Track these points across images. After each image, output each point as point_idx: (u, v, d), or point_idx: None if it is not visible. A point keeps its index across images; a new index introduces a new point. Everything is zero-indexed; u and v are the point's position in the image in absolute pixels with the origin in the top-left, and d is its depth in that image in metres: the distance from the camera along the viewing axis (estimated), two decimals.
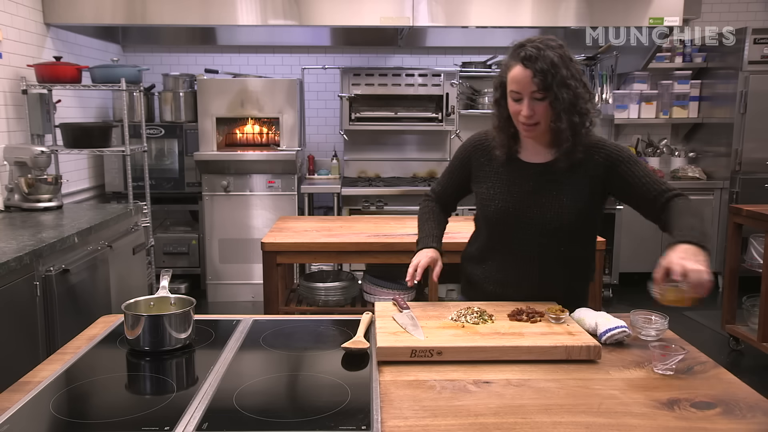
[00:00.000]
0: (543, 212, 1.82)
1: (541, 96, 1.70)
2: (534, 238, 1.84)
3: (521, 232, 1.85)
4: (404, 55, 5.45)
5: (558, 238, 1.83)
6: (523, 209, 1.83)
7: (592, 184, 1.82)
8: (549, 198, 1.82)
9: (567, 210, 1.81)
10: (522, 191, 1.84)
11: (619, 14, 4.35)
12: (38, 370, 1.47)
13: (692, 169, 5.33)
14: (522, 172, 1.85)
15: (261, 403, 1.31)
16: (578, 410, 1.28)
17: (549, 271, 1.87)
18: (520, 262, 1.88)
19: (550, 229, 1.82)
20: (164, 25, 4.48)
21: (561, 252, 1.85)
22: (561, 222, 1.81)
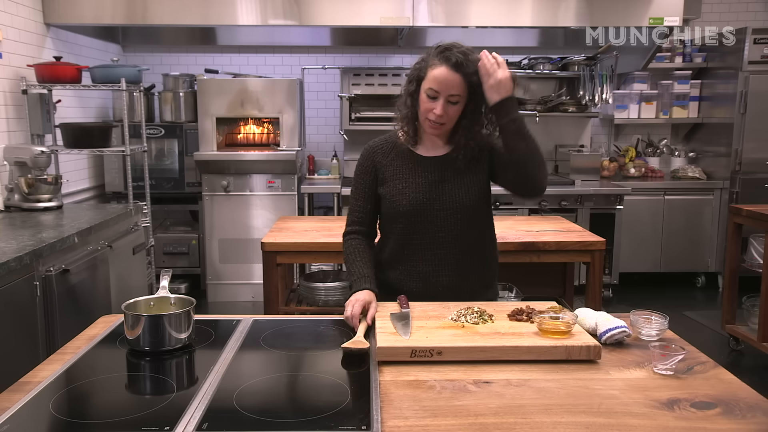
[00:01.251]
0: (452, 197, 1.91)
1: (457, 100, 1.81)
2: (449, 223, 1.92)
3: (436, 219, 1.92)
4: (404, 55, 5.45)
5: (468, 219, 1.94)
6: (434, 197, 1.92)
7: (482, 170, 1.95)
8: (455, 184, 1.92)
9: (472, 193, 1.93)
10: (429, 182, 1.92)
11: (619, 14, 4.35)
12: (38, 370, 1.47)
13: (692, 169, 5.33)
14: (424, 164, 1.94)
15: (261, 403, 1.31)
16: (578, 410, 1.28)
17: (466, 253, 1.95)
18: (439, 250, 1.94)
19: (461, 211, 1.92)
20: (164, 25, 4.48)
21: (472, 233, 1.96)
22: (469, 204, 1.92)
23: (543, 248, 2.90)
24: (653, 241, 5.21)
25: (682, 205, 5.20)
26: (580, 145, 5.47)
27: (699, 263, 5.29)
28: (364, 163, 2.01)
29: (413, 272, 1.96)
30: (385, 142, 2.01)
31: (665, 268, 5.26)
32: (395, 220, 1.96)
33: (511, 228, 3.18)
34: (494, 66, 1.80)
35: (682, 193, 5.21)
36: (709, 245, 5.24)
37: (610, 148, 5.71)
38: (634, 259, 5.17)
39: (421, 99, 1.85)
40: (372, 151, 2.01)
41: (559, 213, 4.55)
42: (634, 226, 5.11)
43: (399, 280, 1.98)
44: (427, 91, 1.83)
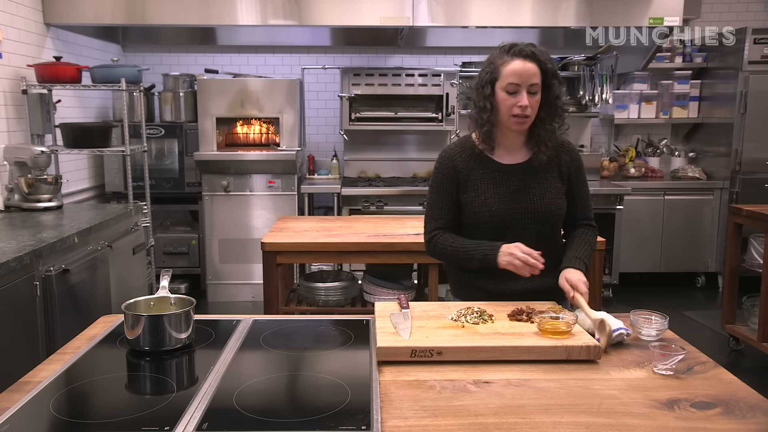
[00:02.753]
0: (533, 206, 1.93)
1: (536, 90, 1.85)
2: (531, 230, 1.94)
3: (518, 227, 1.94)
4: (404, 55, 5.45)
5: (550, 225, 1.97)
6: (515, 207, 1.93)
7: (562, 178, 1.98)
8: (535, 192, 1.94)
9: (552, 201, 1.95)
10: (510, 191, 1.94)
11: (619, 14, 4.35)
12: (38, 370, 1.47)
13: (692, 169, 5.33)
14: (506, 173, 1.95)
15: (261, 403, 1.31)
16: (578, 410, 1.28)
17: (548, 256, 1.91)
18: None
19: (541, 220, 1.94)
20: (164, 25, 4.48)
21: (554, 237, 2.01)
22: (550, 212, 1.95)
23: None
24: (653, 241, 5.21)
25: (682, 205, 5.20)
26: (580, 145, 5.46)
27: (699, 263, 5.29)
28: (444, 170, 2.00)
29: (492, 272, 1.94)
30: (462, 148, 2.00)
31: (665, 268, 5.26)
32: (478, 228, 1.96)
33: None
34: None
35: (682, 193, 5.21)
36: (709, 245, 5.24)
37: (610, 148, 5.71)
38: (634, 259, 5.17)
39: (500, 99, 1.86)
40: (450, 159, 1.99)
41: None
42: (634, 226, 5.11)
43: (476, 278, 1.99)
44: (506, 88, 1.85)
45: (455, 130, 5.05)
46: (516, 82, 1.83)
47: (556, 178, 1.96)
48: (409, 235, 3.00)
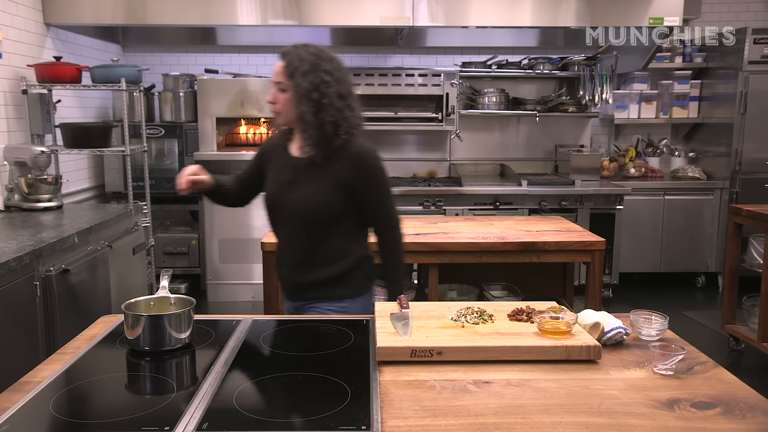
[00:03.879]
0: (295, 202, 2.00)
1: (283, 87, 1.93)
2: (290, 225, 2.04)
3: (281, 219, 2.06)
4: (404, 55, 5.45)
5: (315, 225, 2.00)
6: (282, 199, 2.04)
7: (337, 183, 1.97)
8: (300, 189, 1.99)
9: (314, 200, 1.97)
10: (282, 182, 2.04)
11: (619, 14, 4.35)
12: (38, 370, 1.47)
13: (692, 169, 5.33)
14: (287, 164, 2.05)
15: (261, 403, 1.31)
16: (578, 410, 1.28)
17: (302, 256, 2.03)
18: (284, 246, 2.09)
19: (305, 217, 2.00)
20: (164, 25, 4.48)
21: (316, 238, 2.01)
22: (311, 210, 1.98)
23: (543, 248, 2.90)
24: (653, 241, 5.21)
25: (682, 205, 5.20)
26: (580, 145, 5.47)
27: (699, 263, 5.29)
28: (260, 152, 2.20)
29: (280, 260, 2.13)
30: (280, 137, 2.14)
31: (665, 268, 5.26)
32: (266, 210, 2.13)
33: (511, 228, 3.18)
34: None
35: (682, 193, 5.21)
36: (709, 245, 5.24)
37: (610, 148, 5.71)
38: (634, 259, 5.17)
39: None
40: (266, 144, 2.20)
41: (559, 213, 4.55)
42: (634, 226, 5.11)
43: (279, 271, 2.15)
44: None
45: (455, 130, 5.05)
46: (272, 80, 1.97)
47: (329, 181, 1.96)
48: (409, 235, 2.99)
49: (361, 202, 2.01)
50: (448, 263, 2.93)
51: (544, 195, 4.77)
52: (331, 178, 1.96)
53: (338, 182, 1.96)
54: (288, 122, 2.00)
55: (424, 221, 3.40)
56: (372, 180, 2.01)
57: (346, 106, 1.96)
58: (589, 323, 1.65)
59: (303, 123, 1.93)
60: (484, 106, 5.22)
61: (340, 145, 1.95)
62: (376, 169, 2.02)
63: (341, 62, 1.99)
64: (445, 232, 3.09)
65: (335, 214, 1.99)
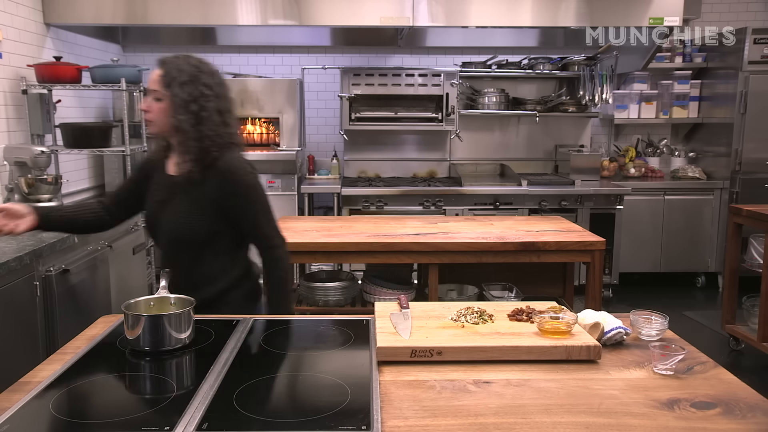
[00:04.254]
0: (166, 223, 1.95)
1: (159, 96, 1.88)
2: (171, 246, 1.98)
3: (159, 240, 2.01)
4: (404, 55, 5.45)
5: (179, 248, 1.95)
6: (157, 219, 1.98)
7: (208, 204, 1.91)
8: (170, 210, 1.94)
9: (184, 222, 1.92)
10: (156, 201, 1.98)
11: (619, 14, 4.35)
12: (38, 370, 1.47)
13: (692, 169, 5.33)
14: (163, 182, 1.99)
15: (261, 403, 1.31)
16: (578, 410, 1.28)
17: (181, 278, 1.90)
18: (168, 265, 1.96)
19: (176, 237, 1.94)
20: (164, 25, 4.48)
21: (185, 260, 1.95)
22: (181, 232, 1.93)
23: (543, 248, 2.90)
24: (653, 241, 5.21)
25: (682, 205, 5.20)
26: (580, 145, 5.47)
27: (699, 263, 5.29)
28: (142, 166, 2.11)
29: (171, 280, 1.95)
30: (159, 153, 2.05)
31: (665, 268, 5.26)
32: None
33: (511, 228, 3.18)
34: None
35: (682, 193, 5.21)
36: (709, 245, 5.24)
37: (610, 148, 5.71)
38: (634, 259, 5.17)
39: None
40: (146, 161, 2.11)
41: (559, 213, 4.55)
42: (634, 226, 5.11)
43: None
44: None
45: (455, 130, 5.05)
46: (148, 86, 1.93)
47: (200, 200, 1.90)
48: (409, 235, 3.00)
49: (236, 221, 1.94)
50: (448, 263, 2.93)
51: (544, 195, 4.77)
52: (202, 196, 1.90)
53: (210, 201, 1.90)
54: (161, 132, 1.94)
55: (424, 221, 3.40)
56: (244, 198, 1.93)
57: (223, 122, 1.91)
58: (589, 323, 1.65)
59: (180, 134, 1.87)
60: (484, 106, 5.22)
61: (211, 162, 1.88)
62: (247, 185, 1.93)
63: (223, 78, 1.98)
64: (445, 232, 3.09)
65: (207, 234, 1.91)
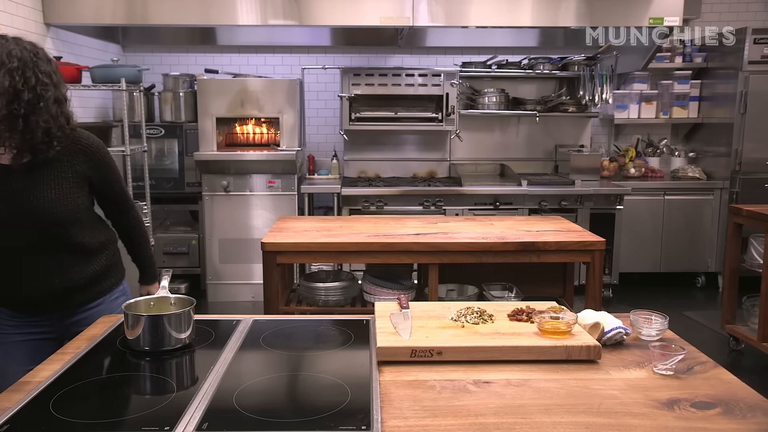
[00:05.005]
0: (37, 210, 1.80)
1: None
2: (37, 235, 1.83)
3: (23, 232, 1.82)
4: (404, 55, 5.45)
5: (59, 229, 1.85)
6: (17, 210, 1.79)
7: (79, 180, 1.87)
8: (38, 195, 1.80)
9: (58, 203, 1.82)
10: (10, 192, 1.79)
11: (619, 14, 4.35)
12: (38, 370, 1.47)
13: (692, 169, 5.33)
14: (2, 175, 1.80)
15: (261, 403, 1.31)
16: (578, 410, 1.28)
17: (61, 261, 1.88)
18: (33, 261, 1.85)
19: (50, 222, 1.82)
20: (164, 25, 4.48)
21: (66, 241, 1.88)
22: (56, 215, 1.82)
23: (543, 248, 2.90)
24: (653, 241, 5.21)
25: (682, 205, 5.20)
26: (580, 145, 5.47)
27: (699, 263, 5.29)
28: None
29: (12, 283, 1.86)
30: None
31: (665, 268, 5.26)
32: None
33: (511, 228, 3.18)
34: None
35: (682, 193, 5.21)
36: (709, 245, 5.24)
37: (610, 148, 5.71)
38: (634, 259, 5.17)
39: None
40: None
41: (559, 213, 4.55)
42: (634, 226, 5.11)
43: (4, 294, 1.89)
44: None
45: (455, 130, 5.05)
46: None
47: (71, 179, 1.85)
48: (409, 235, 3.00)
49: (101, 191, 1.98)
50: (448, 263, 2.93)
51: (544, 195, 4.77)
52: (72, 175, 1.85)
53: (81, 178, 1.87)
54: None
55: (424, 221, 3.40)
56: (109, 167, 1.96)
57: (62, 113, 1.78)
58: (589, 323, 1.65)
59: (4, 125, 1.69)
60: (484, 106, 5.22)
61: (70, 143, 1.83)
62: (108, 156, 1.98)
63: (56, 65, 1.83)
64: (445, 232, 3.09)
65: (81, 210, 1.90)
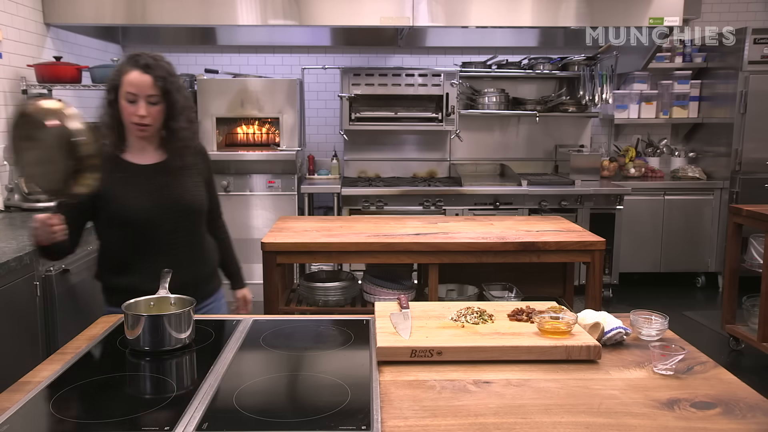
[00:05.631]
0: (177, 202, 2.01)
1: (156, 100, 1.91)
2: (175, 227, 2.01)
3: (166, 224, 1.99)
4: (404, 55, 5.45)
5: (194, 223, 2.07)
6: (162, 203, 1.99)
7: (200, 175, 2.10)
8: (176, 189, 2.01)
9: (195, 196, 2.06)
10: (156, 187, 1.99)
11: (619, 14, 4.35)
12: (38, 370, 1.47)
13: (692, 169, 5.33)
14: (145, 172, 1.99)
15: (261, 403, 1.31)
16: (578, 410, 1.28)
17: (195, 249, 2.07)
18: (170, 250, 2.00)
19: (187, 214, 2.03)
20: (164, 25, 4.48)
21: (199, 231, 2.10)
22: (194, 205, 2.05)
23: (543, 248, 2.90)
24: (653, 241, 5.21)
25: (682, 205, 5.20)
26: (580, 145, 5.47)
27: (699, 263, 5.29)
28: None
29: (148, 273, 1.92)
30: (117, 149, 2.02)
31: (665, 268, 5.26)
32: (124, 227, 1.98)
33: (511, 228, 3.18)
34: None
35: (682, 193, 5.21)
36: (709, 245, 5.24)
37: (610, 148, 5.71)
38: (634, 259, 5.17)
39: (123, 106, 1.92)
40: None
41: (559, 213, 4.55)
42: (634, 226, 5.11)
43: (133, 282, 1.95)
44: (126, 96, 1.90)
45: (455, 130, 5.05)
46: (133, 92, 1.89)
47: (195, 174, 2.07)
48: (409, 235, 3.00)
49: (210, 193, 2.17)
50: (448, 263, 2.93)
51: (544, 195, 4.77)
52: (198, 173, 2.08)
53: (202, 177, 2.10)
54: (153, 133, 1.98)
55: (424, 221, 3.40)
56: (212, 171, 2.19)
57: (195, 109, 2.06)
58: (589, 323, 1.65)
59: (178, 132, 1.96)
60: (484, 106, 5.22)
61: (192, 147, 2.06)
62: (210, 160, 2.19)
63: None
64: (445, 232, 3.09)
65: (206, 207, 2.11)
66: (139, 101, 1.89)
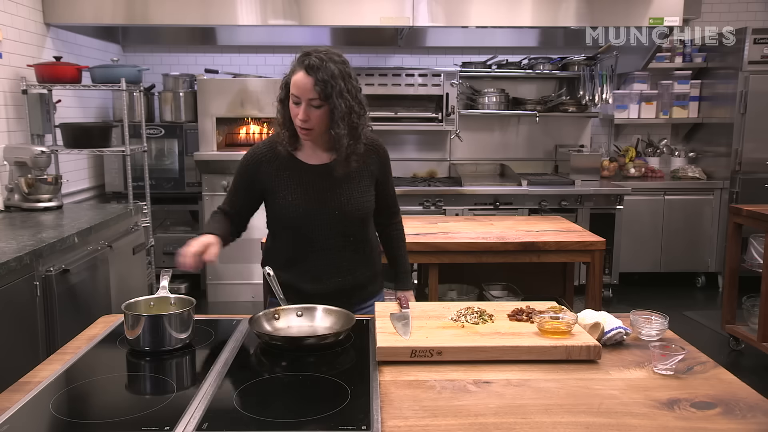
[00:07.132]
0: (340, 205, 1.94)
1: (318, 104, 1.81)
2: (336, 229, 1.96)
3: (326, 225, 1.95)
4: (404, 55, 5.45)
5: (356, 225, 2.00)
6: (321, 206, 1.94)
7: (370, 177, 2.01)
8: (342, 192, 1.94)
9: (359, 200, 1.97)
10: (316, 190, 1.94)
11: (619, 14, 4.35)
12: (38, 370, 1.47)
13: (692, 169, 5.33)
14: (311, 173, 1.95)
15: (261, 403, 1.31)
16: (578, 410, 1.28)
17: (356, 252, 2.01)
18: (331, 252, 1.97)
19: (349, 218, 1.96)
20: (164, 25, 4.48)
21: (361, 234, 2.02)
22: (357, 211, 1.97)
23: (543, 248, 2.90)
24: (653, 241, 5.21)
25: (682, 205, 5.20)
26: (580, 145, 5.47)
27: (699, 263, 5.29)
28: (247, 171, 2.04)
29: (306, 273, 1.97)
30: (268, 149, 2.01)
31: (665, 268, 5.26)
32: (286, 225, 1.99)
33: (511, 228, 3.18)
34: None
35: (682, 193, 5.21)
36: (709, 245, 5.24)
37: (610, 148, 5.71)
38: (634, 259, 5.17)
39: (290, 105, 1.88)
40: (256, 163, 2.01)
41: (559, 213, 4.55)
42: (634, 226, 5.11)
43: (291, 280, 1.96)
44: (292, 98, 1.85)
45: (455, 130, 5.05)
46: (296, 94, 1.83)
47: (364, 177, 1.98)
48: (408, 235, 2.99)
49: (380, 192, 2.05)
50: (448, 263, 2.93)
51: (544, 195, 4.77)
52: (368, 174, 1.99)
53: (372, 178, 2.00)
54: (318, 136, 1.89)
55: (424, 221, 3.40)
56: (390, 168, 2.07)
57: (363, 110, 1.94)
58: (589, 323, 1.65)
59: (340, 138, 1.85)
60: (484, 106, 5.22)
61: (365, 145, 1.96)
62: (389, 158, 2.07)
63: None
64: (445, 232, 3.09)
65: (372, 209, 2.03)
66: (301, 104, 1.82)
